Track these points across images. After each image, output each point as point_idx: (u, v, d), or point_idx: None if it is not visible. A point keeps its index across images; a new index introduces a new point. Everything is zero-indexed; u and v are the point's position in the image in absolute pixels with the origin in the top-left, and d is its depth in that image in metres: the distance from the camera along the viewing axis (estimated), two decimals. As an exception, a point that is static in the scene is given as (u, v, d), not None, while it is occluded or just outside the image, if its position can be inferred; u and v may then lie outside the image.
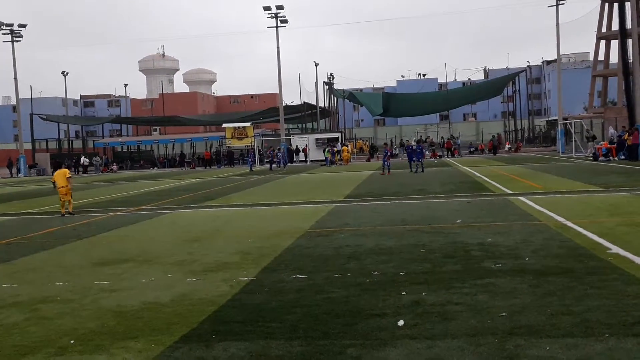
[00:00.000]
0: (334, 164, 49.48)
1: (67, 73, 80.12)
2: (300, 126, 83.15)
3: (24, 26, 60.11)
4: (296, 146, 61.10)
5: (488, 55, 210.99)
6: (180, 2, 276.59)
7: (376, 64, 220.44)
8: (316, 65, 75.78)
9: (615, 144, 37.56)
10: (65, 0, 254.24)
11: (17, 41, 59.88)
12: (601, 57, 68.97)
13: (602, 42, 67.64)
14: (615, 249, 9.30)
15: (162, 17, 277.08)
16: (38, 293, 8.37)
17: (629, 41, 45.42)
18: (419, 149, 35.12)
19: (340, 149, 53.31)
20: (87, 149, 72.90)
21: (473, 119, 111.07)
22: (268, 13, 57.31)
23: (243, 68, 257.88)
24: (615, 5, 55.97)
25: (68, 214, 18.58)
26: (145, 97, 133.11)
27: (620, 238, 10.18)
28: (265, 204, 19.47)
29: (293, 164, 55.14)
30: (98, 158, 65.32)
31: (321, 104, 76.35)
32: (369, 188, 24.13)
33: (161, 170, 60.53)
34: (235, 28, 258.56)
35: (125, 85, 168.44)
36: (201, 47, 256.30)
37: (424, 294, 7.25)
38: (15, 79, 60.49)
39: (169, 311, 7.10)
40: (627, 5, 47.96)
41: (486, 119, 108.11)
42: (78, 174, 57.63)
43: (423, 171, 32.58)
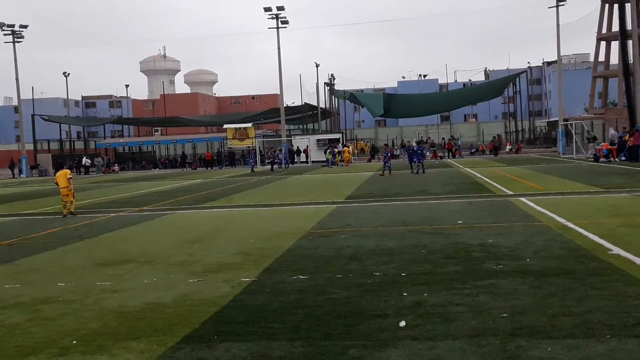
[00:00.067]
0: (335, 165, 49.50)
1: (69, 74, 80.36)
2: (301, 127, 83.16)
3: (26, 27, 60.17)
4: (297, 147, 61.11)
5: (488, 56, 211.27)
6: (181, 3, 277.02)
7: (377, 65, 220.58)
8: (317, 66, 75.61)
9: (616, 145, 37.56)
10: (66, 0, 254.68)
11: (19, 42, 59.94)
12: (601, 58, 68.97)
13: (603, 43, 67.64)
14: (616, 250, 9.31)
15: (164, 18, 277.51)
16: (40, 294, 8.38)
17: (630, 42, 45.45)
18: (420, 150, 35.14)
19: (341, 150, 53.33)
20: (89, 150, 72.96)
21: (474, 120, 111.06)
22: (269, 14, 57.33)
23: (244, 69, 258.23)
24: (615, 6, 55.95)
25: (70, 215, 18.61)
26: (146, 98, 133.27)
27: (621, 239, 10.19)
28: (266, 205, 19.48)
29: (294, 165, 55.13)
30: (100, 159, 65.34)
31: (322, 105, 76.40)
32: (370, 189, 24.14)
33: (163, 171, 60.54)
34: (236, 29, 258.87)
35: (126, 86, 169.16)
36: (202, 48, 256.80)
37: (425, 295, 7.26)
38: (16, 80, 60.57)
39: (171, 312, 7.11)
40: (627, 6, 48.01)
41: (487, 120, 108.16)
42: (80, 175, 57.66)
43: (424, 172, 32.59)
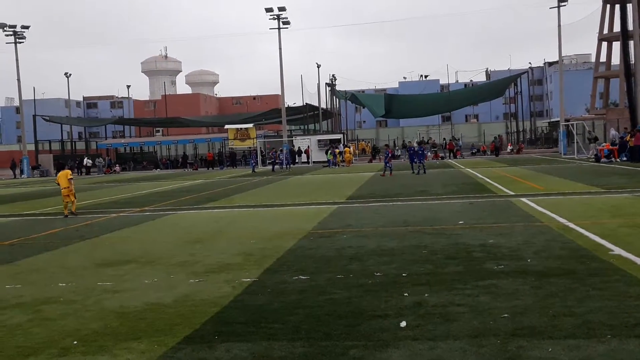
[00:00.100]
0: (336, 165, 49.50)
1: (70, 74, 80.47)
2: (302, 127, 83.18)
3: (27, 27, 60.24)
4: (298, 147, 61.14)
5: (490, 56, 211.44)
6: (182, 3, 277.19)
7: (378, 66, 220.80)
8: (318, 66, 75.61)
9: (617, 146, 37.54)
10: (67, 1, 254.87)
11: (20, 42, 60.04)
12: (603, 59, 68.90)
13: (604, 44, 67.58)
14: (617, 251, 9.30)
15: (165, 18, 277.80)
16: (41, 294, 8.39)
17: (631, 42, 45.40)
18: (421, 151, 35.14)
19: (342, 150, 53.33)
20: (90, 150, 73.05)
21: (475, 121, 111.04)
22: (270, 14, 57.38)
23: (245, 69, 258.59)
24: (616, 6, 55.87)
25: (71, 215, 18.62)
26: (147, 99, 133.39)
27: (622, 239, 10.18)
28: (267, 205, 19.48)
29: (295, 165, 55.15)
30: (101, 159, 65.41)
31: (323, 106, 76.36)
32: (371, 189, 24.13)
33: (164, 171, 60.58)
34: (237, 29, 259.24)
35: (127, 86, 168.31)
36: (203, 49, 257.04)
37: (426, 295, 7.26)
38: (18, 81, 60.66)
39: (172, 312, 7.11)
40: (629, 6, 47.88)
41: (488, 121, 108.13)
42: (81, 175, 57.69)
43: (425, 172, 32.58)
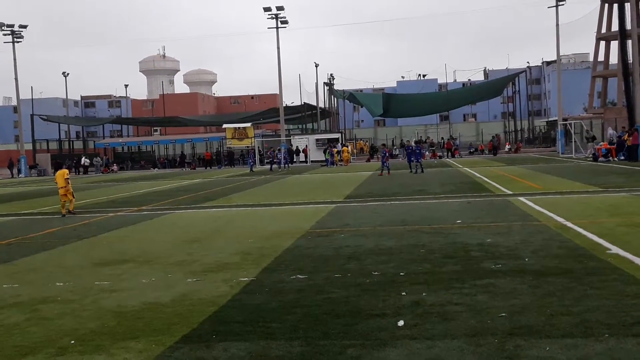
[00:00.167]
0: (334, 165, 49.50)
1: (68, 74, 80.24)
2: (300, 127, 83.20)
3: (25, 27, 60.14)
4: (296, 147, 61.14)
5: (488, 55, 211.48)
6: (180, 3, 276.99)
7: (376, 65, 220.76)
8: (316, 65, 75.68)
9: (614, 145, 37.58)
10: (65, 0, 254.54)
11: (18, 42, 59.93)
12: (601, 58, 68.98)
13: (602, 43, 67.66)
14: (614, 250, 9.31)
15: (163, 18, 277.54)
16: (38, 293, 8.38)
17: (629, 42, 45.43)
18: (418, 150, 35.13)
19: (340, 150, 53.34)
20: (88, 150, 72.95)
21: (473, 120, 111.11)
22: (268, 14, 57.31)
23: (243, 69, 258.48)
24: (614, 6, 56.00)
25: (69, 214, 18.61)
26: (145, 98, 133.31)
27: (619, 238, 10.19)
28: (265, 205, 19.48)
29: (293, 165, 55.15)
30: (99, 159, 65.35)
31: (321, 105, 76.43)
32: (369, 189, 24.14)
33: (162, 170, 60.53)
34: (235, 29, 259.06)
35: (125, 85, 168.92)
36: (201, 48, 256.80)
37: (424, 294, 7.26)
38: (16, 80, 60.55)
39: (170, 311, 7.11)
40: (627, 5, 47.96)
41: (486, 120, 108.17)
42: (79, 175, 57.65)
43: (423, 171, 32.58)
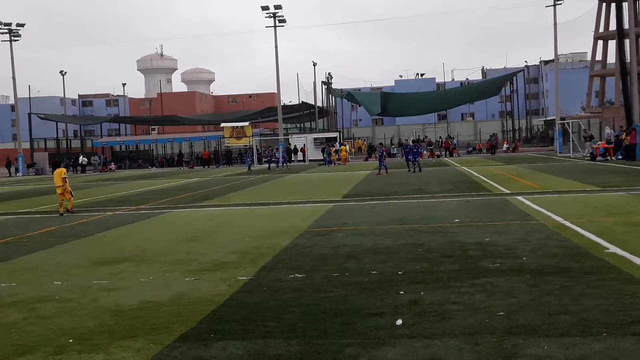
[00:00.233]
0: (332, 164, 49.51)
1: (66, 72, 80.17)
2: (298, 126, 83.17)
3: (22, 25, 60.05)
4: (294, 146, 61.11)
5: (486, 55, 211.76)
6: (178, 2, 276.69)
7: (374, 64, 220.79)
8: (314, 64, 75.57)
9: (612, 144, 37.63)
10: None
11: (16, 40, 59.90)
12: (599, 57, 69.01)
13: (600, 42, 67.69)
14: (612, 249, 9.32)
15: (161, 17, 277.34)
16: (36, 292, 8.36)
17: (627, 41, 45.54)
18: (416, 149, 35.12)
19: (338, 149, 53.35)
20: (86, 149, 72.84)
21: (471, 119, 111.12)
22: (266, 13, 57.26)
23: (241, 68, 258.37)
24: (612, 5, 56.06)
25: (67, 213, 18.60)
26: (143, 97, 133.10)
27: (617, 237, 10.21)
28: (263, 204, 19.47)
29: (291, 164, 55.14)
30: (96, 157, 65.25)
31: (319, 104, 76.36)
32: (367, 187, 24.14)
33: (159, 169, 60.47)
34: (233, 28, 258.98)
35: (123, 84, 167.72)
36: (199, 47, 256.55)
37: (422, 293, 7.26)
38: (13, 78, 60.48)
39: (168, 310, 7.10)
40: (625, 5, 48.02)
41: (484, 119, 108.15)
42: (76, 173, 57.58)
43: (420, 170, 32.60)
